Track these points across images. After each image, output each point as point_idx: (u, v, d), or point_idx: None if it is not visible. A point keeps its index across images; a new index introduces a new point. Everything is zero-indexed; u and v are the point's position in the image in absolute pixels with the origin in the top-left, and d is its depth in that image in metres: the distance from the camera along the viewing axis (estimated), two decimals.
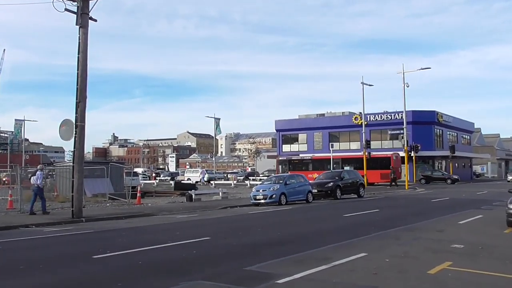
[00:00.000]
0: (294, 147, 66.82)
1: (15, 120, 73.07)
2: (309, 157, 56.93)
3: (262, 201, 25.46)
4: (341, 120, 64.10)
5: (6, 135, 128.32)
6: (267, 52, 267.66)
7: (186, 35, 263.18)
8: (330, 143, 56.30)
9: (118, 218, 19.51)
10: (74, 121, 18.57)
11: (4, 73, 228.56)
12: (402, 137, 44.84)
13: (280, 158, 61.50)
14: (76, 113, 18.34)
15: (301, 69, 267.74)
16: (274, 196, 25.48)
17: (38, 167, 21.29)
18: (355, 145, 59.65)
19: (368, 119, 57.01)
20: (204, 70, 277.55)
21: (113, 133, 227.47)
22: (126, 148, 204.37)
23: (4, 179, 47.13)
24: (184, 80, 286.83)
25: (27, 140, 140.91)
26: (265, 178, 43.95)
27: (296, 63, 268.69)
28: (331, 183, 29.91)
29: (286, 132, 67.79)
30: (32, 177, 20.91)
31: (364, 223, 15.77)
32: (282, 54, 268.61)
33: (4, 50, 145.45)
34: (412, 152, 45.26)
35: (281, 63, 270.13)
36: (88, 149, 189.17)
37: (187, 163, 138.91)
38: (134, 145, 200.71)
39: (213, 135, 73.38)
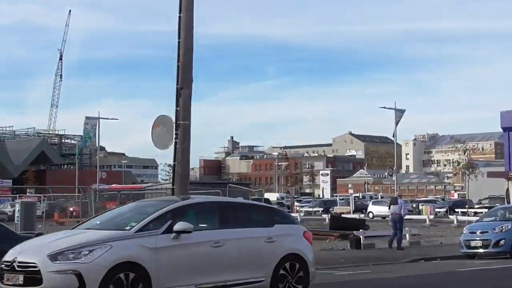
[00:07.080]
0: None
1: (86, 118, 70.48)
2: None
3: (481, 250, 25.09)
4: None
5: (72, 141, 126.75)
6: None
7: None
8: None
9: None
10: (173, 119, 19.34)
11: (71, 47, 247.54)
12: None
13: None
14: (176, 106, 19.03)
15: None
16: (502, 242, 24.79)
17: (396, 194, 28.77)
18: None
19: None
20: (378, 32, 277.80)
21: (231, 137, 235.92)
22: (251, 160, 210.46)
23: (71, 209, 49.31)
24: (345, 49, 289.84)
25: (103, 149, 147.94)
26: (485, 211, 42.55)
27: None
28: None
29: None
30: (391, 206, 28.09)
31: None
32: None
33: (70, 11, 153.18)
34: None
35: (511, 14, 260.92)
36: (194, 162, 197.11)
37: (349, 185, 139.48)
38: (265, 156, 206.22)
39: (393, 139, 72.91)
